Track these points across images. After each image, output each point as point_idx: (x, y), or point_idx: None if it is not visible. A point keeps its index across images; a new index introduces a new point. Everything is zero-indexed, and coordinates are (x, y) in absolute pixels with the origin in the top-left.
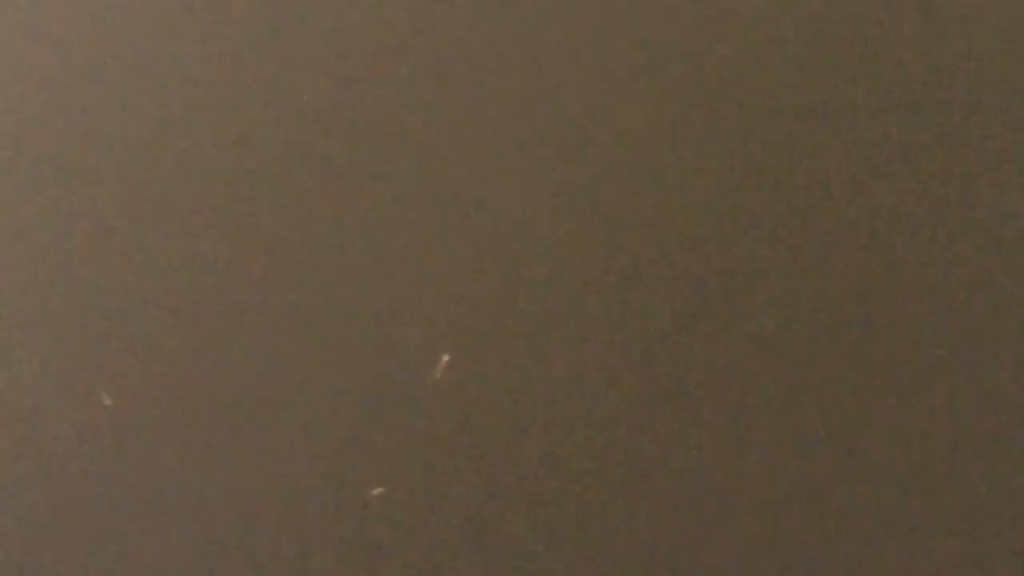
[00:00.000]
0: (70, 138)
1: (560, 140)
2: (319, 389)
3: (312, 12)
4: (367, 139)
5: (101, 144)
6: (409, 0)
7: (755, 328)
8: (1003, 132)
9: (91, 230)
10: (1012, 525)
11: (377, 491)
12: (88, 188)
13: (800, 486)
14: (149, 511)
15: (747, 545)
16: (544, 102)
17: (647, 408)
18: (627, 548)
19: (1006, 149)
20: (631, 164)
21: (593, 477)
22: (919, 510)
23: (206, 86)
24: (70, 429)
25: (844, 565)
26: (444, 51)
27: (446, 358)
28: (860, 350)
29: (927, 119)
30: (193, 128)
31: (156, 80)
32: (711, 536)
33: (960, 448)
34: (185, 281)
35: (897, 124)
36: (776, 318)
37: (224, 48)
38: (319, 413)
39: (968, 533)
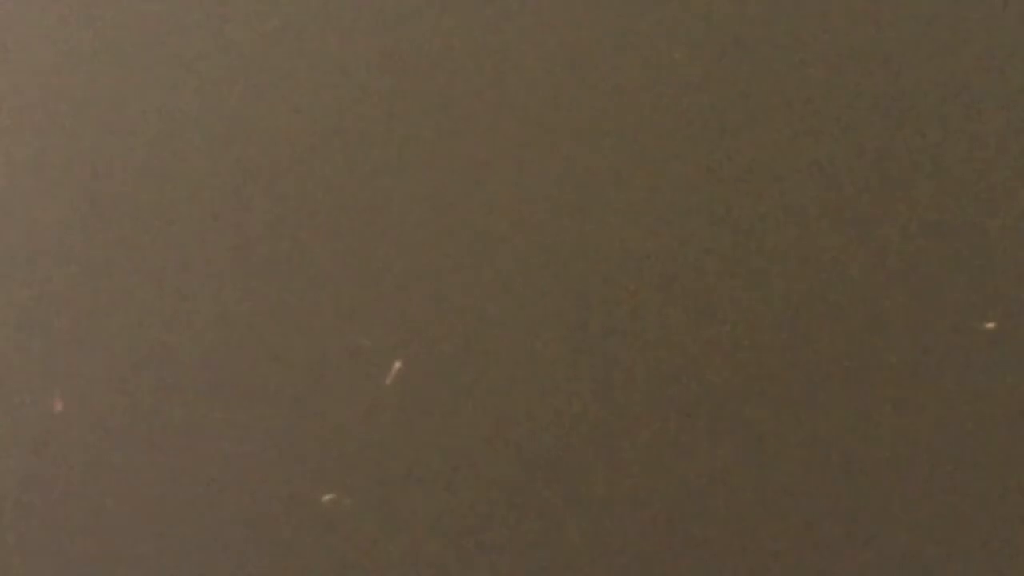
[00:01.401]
0: (24, 148)
1: (513, 147)
2: (270, 394)
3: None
4: (316, 147)
5: (57, 151)
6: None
7: (707, 335)
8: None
9: (41, 235)
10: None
11: (328, 497)
12: (35, 194)
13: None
14: (99, 516)
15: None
16: (499, 113)
17: (600, 413)
18: (584, 554)
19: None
20: (586, 168)
21: (546, 482)
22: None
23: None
24: (21, 434)
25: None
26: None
27: (398, 365)
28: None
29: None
30: (146, 134)
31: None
32: (668, 548)
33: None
34: (136, 287)
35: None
36: (733, 322)
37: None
38: (270, 418)
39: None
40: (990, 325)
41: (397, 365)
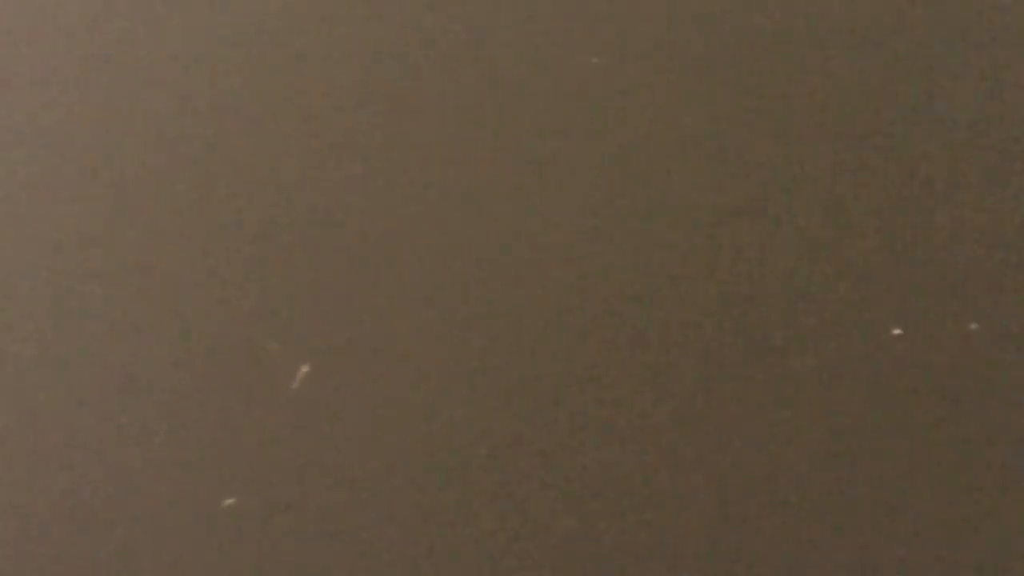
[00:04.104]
0: None
1: (419, 147)
2: (173, 398)
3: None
4: (220, 148)
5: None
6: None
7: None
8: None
9: None
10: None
11: (228, 502)
12: None
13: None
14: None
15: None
16: (403, 115)
17: (506, 416)
18: (494, 556)
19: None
20: (486, 169)
21: (452, 487)
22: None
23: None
24: None
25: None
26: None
27: (305, 369)
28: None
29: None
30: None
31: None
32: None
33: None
34: (36, 289)
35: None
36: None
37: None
38: (172, 422)
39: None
40: (897, 331)
41: (304, 369)
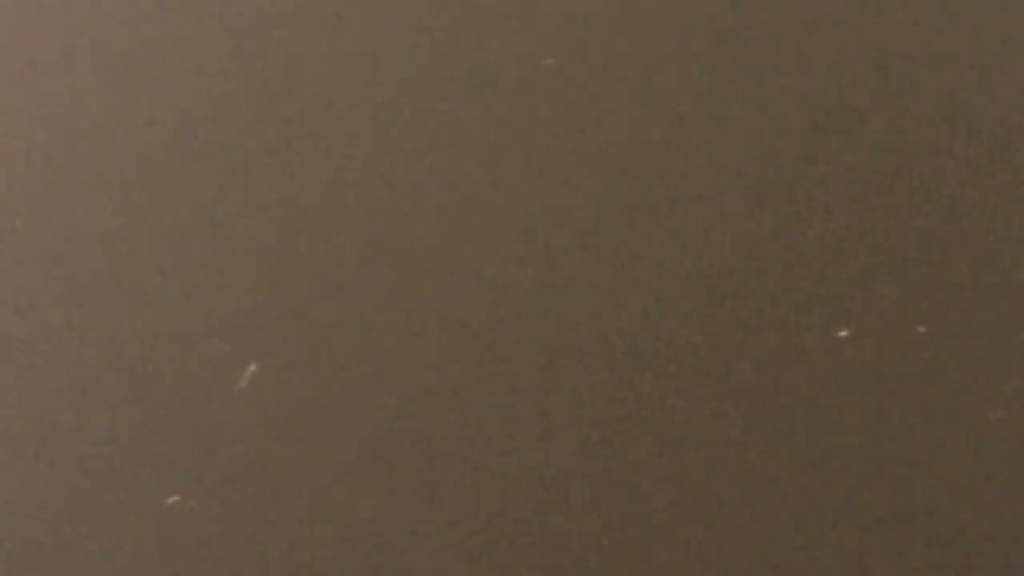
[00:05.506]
0: None
1: (364, 151)
2: (119, 395)
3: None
4: (171, 152)
5: None
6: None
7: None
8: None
9: None
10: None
11: (172, 499)
12: None
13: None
14: None
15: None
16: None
17: (453, 412)
18: (430, 552)
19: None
20: (424, 168)
21: (394, 484)
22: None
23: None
24: None
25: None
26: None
27: (253, 367)
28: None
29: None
30: None
31: None
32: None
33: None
34: None
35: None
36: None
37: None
38: (118, 419)
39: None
40: (843, 333)
41: (252, 368)
